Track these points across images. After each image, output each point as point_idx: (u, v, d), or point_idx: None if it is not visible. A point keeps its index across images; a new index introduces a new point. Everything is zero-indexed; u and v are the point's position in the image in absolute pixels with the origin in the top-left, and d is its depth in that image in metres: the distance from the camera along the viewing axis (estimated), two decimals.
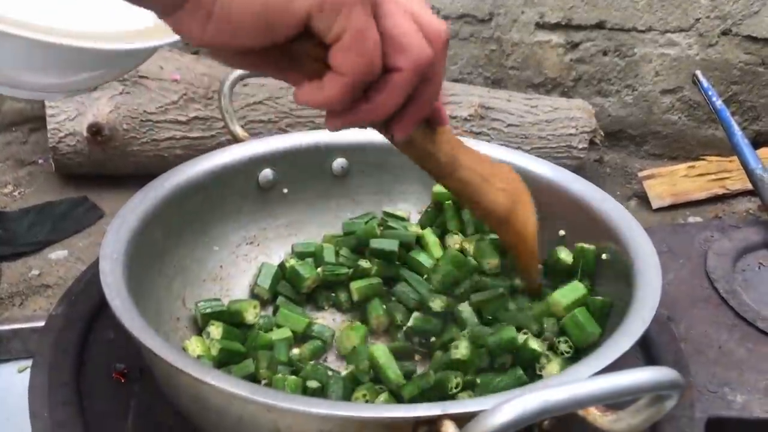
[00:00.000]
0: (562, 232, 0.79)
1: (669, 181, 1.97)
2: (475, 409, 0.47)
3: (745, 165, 1.06)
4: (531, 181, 0.83)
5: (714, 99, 1.14)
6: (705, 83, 1.16)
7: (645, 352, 0.77)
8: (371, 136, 0.89)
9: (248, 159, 0.83)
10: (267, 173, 0.84)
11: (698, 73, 1.17)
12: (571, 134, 1.86)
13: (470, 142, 0.87)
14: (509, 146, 1.86)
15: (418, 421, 0.48)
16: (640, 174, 1.98)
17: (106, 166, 1.79)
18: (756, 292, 0.89)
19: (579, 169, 1.96)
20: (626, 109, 2.10)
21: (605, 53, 2.04)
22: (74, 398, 0.67)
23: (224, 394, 0.50)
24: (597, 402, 0.43)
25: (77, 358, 0.71)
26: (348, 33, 0.44)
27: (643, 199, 1.98)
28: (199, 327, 0.72)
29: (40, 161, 1.95)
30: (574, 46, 2.03)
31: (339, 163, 0.88)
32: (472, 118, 1.82)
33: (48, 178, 1.90)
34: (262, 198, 0.84)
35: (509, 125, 1.84)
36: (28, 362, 1.08)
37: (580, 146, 1.87)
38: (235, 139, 0.86)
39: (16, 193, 1.86)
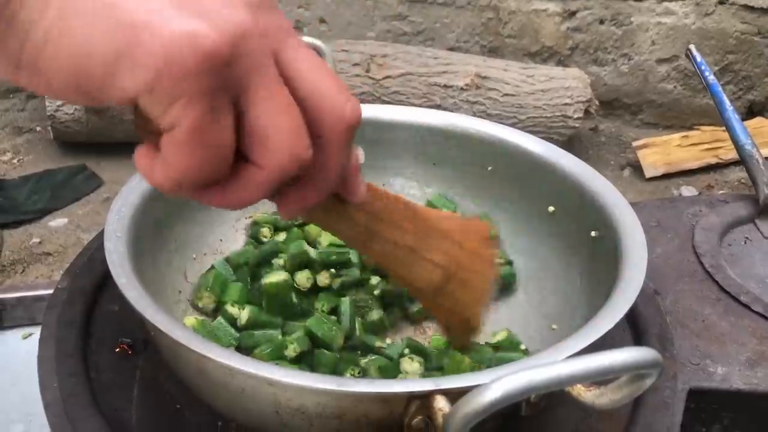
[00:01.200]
0: (551, 209, 0.81)
1: (663, 151, 1.99)
2: (466, 384, 0.49)
3: (735, 140, 1.07)
4: (521, 157, 0.85)
5: (707, 74, 1.15)
6: (698, 58, 1.17)
7: (632, 324, 0.79)
8: (367, 113, 0.91)
9: None
10: None
11: (692, 47, 1.18)
12: (566, 104, 1.87)
13: (462, 119, 0.90)
14: (505, 115, 1.89)
15: (412, 396, 0.50)
16: (634, 144, 2.00)
17: (104, 133, 1.80)
18: (741, 267, 0.91)
19: (574, 138, 1.98)
20: (622, 78, 2.12)
21: (602, 22, 2.05)
22: (81, 370, 0.69)
23: (227, 369, 0.52)
24: (579, 381, 0.46)
25: (83, 330, 0.73)
26: (181, 128, 0.36)
27: (637, 168, 2.00)
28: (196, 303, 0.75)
29: (38, 128, 1.96)
30: (571, 14, 2.04)
31: None
32: (468, 87, 1.83)
33: (46, 145, 1.91)
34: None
35: (505, 95, 1.85)
36: (32, 329, 1.11)
37: (575, 116, 1.88)
38: None
39: (15, 161, 1.87)
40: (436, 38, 2.05)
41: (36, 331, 1.12)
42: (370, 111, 0.92)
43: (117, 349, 0.72)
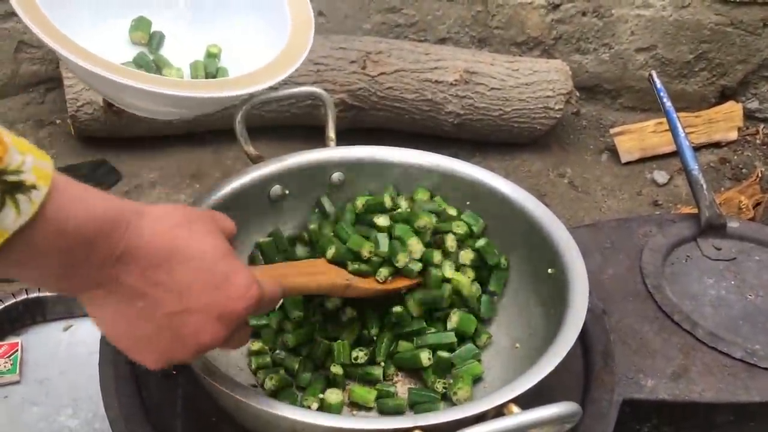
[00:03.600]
0: (550, 271, 0.89)
1: (638, 137, 2.13)
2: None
3: (684, 165, 1.19)
4: (493, 197, 0.98)
5: (665, 100, 1.26)
6: (658, 84, 1.28)
7: (582, 341, 0.94)
8: (363, 152, 1.05)
9: (261, 178, 0.99)
10: (276, 188, 1.00)
11: (653, 73, 1.31)
12: (548, 96, 2.00)
13: None
14: (492, 107, 2.02)
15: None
16: (612, 131, 2.14)
17: (122, 130, 1.93)
18: (678, 285, 1.05)
19: (557, 123, 2.12)
20: (603, 65, 2.24)
21: (584, 14, 2.16)
22: (135, 390, 0.84)
23: (256, 409, 0.68)
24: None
25: None
26: None
27: (614, 152, 2.15)
28: None
29: (58, 121, 2.08)
30: (555, 7, 2.14)
31: (337, 175, 1.03)
32: (457, 82, 1.96)
33: (67, 138, 2.01)
34: (273, 208, 1.00)
35: (492, 89, 1.98)
36: (72, 321, 1.26)
37: (557, 107, 2.02)
38: (249, 158, 1.03)
39: None
40: (429, 30, 2.16)
41: (75, 324, 1.29)
42: (366, 151, 1.06)
43: (159, 375, 0.88)
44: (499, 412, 0.68)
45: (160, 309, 0.57)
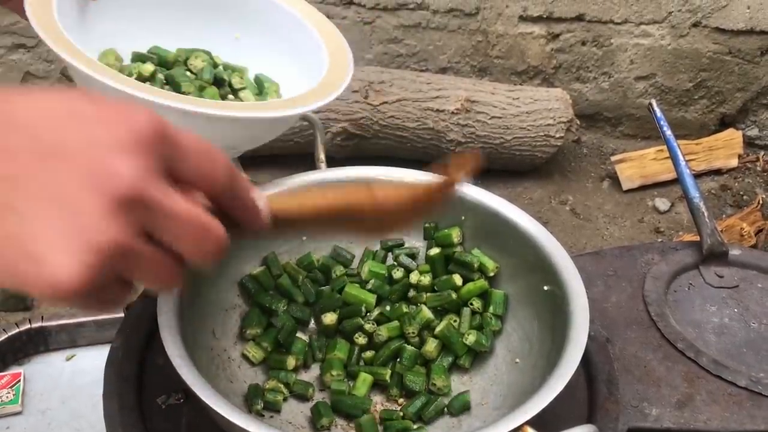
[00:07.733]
0: (546, 287, 0.88)
1: (638, 164, 2.14)
2: None
3: (685, 193, 1.19)
4: (485, 213, 0.97)
5: (665, 128, 1.26)
6: (658, 113, 1.29)
7: (586, 369, 0.95)
8: (356, 173, 1.05)
9: None
10: None
11: (653, 101, 1.32)
12: (549, 124, 2.02)
13: None
14: (493, 136, 2.03)
15: None
16: (613, 158, 2.15)
17: None
18: (682, 312, 1.05)
19: (558, 151, 2.13)
20: (603, 94, 2.26)
21: (584, 43, 2.18)
22: (140, 421, 0.85)
23: None
24: None
25: (137, 384, 0.89)
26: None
27: (616, 179, 2.16)
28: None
29: None
30: (555, 36, 2.17)
31: None
32: (458, 111, 1.97)
33: None
34: (268, 234, 0.99)
35: (493, 117, 1.99)
36: (74, 351, 1.26)
37: (557, 135, 2.03)
38: None
39: None
40: (430, 59, 2.18)
41: (78, 353, 1.29)
42: (360, 172, 1.05)
43: (163, 406, 0.88)
44: None
45: None
